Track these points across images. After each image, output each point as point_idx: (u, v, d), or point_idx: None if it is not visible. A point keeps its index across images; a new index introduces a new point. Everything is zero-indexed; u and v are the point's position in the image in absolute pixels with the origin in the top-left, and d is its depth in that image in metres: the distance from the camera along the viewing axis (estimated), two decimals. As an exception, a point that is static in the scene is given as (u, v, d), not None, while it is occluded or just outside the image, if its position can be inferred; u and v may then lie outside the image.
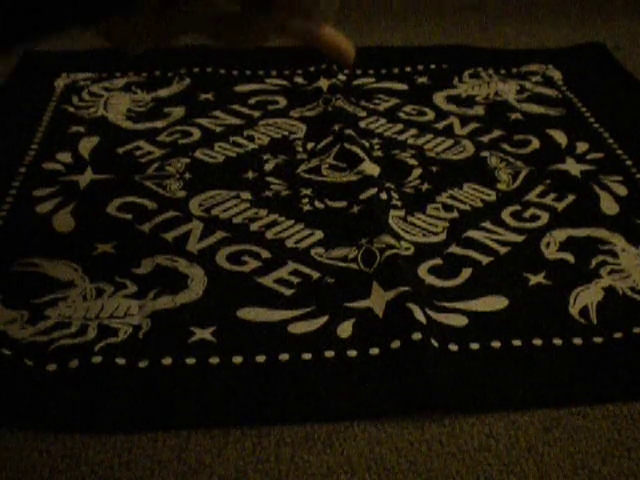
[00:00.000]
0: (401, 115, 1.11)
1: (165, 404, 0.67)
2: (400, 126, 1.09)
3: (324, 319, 0.76)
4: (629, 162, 1.01)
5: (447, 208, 0.92)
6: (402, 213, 0.90)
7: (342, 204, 0.92)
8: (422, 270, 0.82)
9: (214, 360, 0.71)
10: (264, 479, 0.62)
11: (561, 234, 0.88)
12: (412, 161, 1.01)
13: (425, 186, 0.96)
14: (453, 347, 0.73)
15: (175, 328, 0.74)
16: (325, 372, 0.70)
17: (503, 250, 0.85)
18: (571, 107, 1.14)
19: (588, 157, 1.02)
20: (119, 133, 1.05)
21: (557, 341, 0.74)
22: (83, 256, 0.82)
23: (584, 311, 0.77)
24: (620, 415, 0.68)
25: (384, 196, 0.92)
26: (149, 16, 0.52)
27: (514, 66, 1.25)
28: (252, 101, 1.14)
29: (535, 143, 1.05)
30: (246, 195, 0.93)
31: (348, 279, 0.80)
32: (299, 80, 1.19)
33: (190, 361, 0.71)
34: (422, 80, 1.21)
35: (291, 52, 1.27)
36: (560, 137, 1.07)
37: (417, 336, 0.72)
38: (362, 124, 1.09)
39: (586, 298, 0.79)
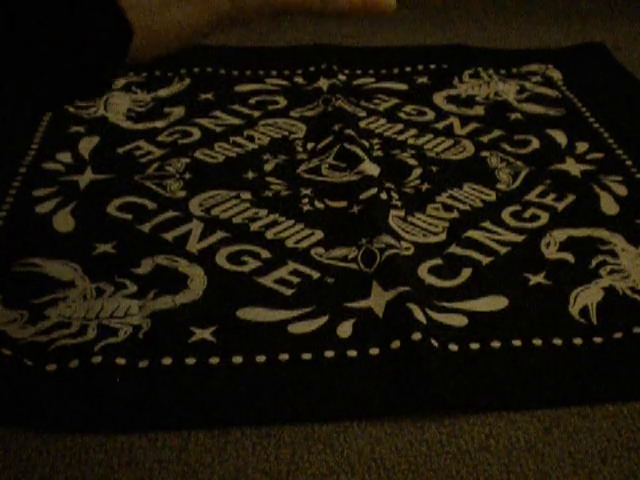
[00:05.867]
0: (401, 115, 1.11)
1: (165, 404, 0.67)
2: (400, 126, 1.09)
3: (324, 319, 0.76)
4: (629, 162, 1.01)
5: (447, 208, 0.92)
6: (402, 213, 0.90)
7: (342, 204, 0.92)
8: (422, 270, 0.82)
9: (214, 360, 0.71)
10: (264, 479, 0.62)
11: (561, 234, 0.88)
12: (412, 161, 1.01)
13: (425, 186, 0.96)
14: (453, 347, 0.73)
15: (175, 328, 0.74)
16: (325, 372, 0.70)
17: (503, 250, 0.85)
18: (571, 107, 1.14)
19: (588, 157, 1.02)
20: (119, 133, 1.05)
21: (557, 341, 0.74)
22: (83, 256, 0.82)
23: (584, 311, 0.77)
24: (620, 415, 0.68)
25: (384, 196, 0.92)
26: None
27: (514, 66, 1.25)
28: (252, 101, 1.14)
29: (535, 143, 1.05)
30: (246, 195, 0.93)
31: (348, 279, 0.80)
32: (299, 80, 1.19)
33: (190, 361, 0.71)
34: (422, 80, 1.21)
35: (291, 52, 1.27)
36: (560, 137, 1.07)
37: (417, 336, 0.72)
38: (362, 124, 1.09)
39: (586, 298, 0.79)
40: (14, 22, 0.46)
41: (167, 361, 0.71)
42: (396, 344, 0.72)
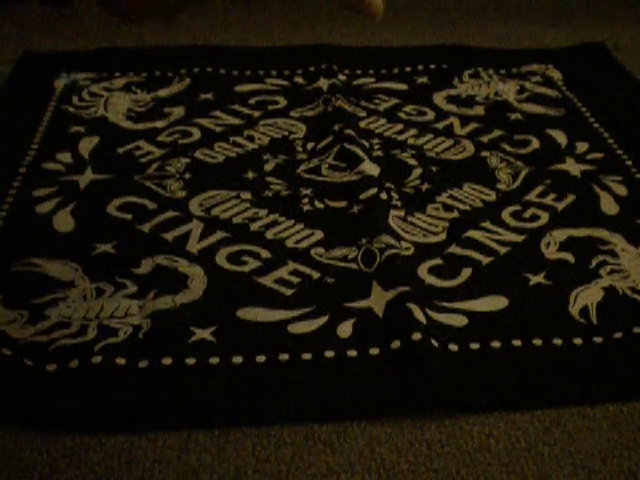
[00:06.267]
0: (401, 115, 1.11)
1: (165, 404, 0.67)
2: (400, 126, 1.09)
3: (324, 319, 0.76)
4: (629, 162, 1.01)
5: (447, 208, 0.92)
6: (402, 213, 0.90)
7: (342, 204, 0.92)
8: (422, 270, 0.82)
9: (214, 360, 0.71)
10: (264, 479, 0.62)
11: (561, 234, 0.88)
12: (412, 161, 1.01)
13: (425, 186, 0.96)
14: (453, 347, 0.73)
15: (175, 328, 0.74)
16: (325, 372, 0.70)
17: (503, 250, 0.85)
18: (571, 107, 1.14)
19: (588, 157, 1.02)
20: (119, 133, 1.05)
21: (557, 341, 0.74)
22: (83, 256, 0.82)
23: (584, 311, 0.77)
24: (620, 415, 0.68)
25: (384, 196, 0.92)
26: None
27: (514, 66, 1.25)
28: (252, 101, 1.14)
29: (535, 143, 1.05)
30: (246, 195, 0.93)
31: (348, 279, 0.80)
32: (299, 80, 1.19)
33: (190, 361, 0.71)
34: (422, 80, 1.21)
35: (291, 52, 1.27)
36: (560, 137, 1.07)
37: (417, 336, 0.72)
38: (362, 124, 1.09)
39: (586, 298, 0.79)
40: None
41: (167, 361, 0.71)
42: (396, 344, 0.72)
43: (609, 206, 0.93)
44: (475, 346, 0.73)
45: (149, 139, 1.04)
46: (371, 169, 0.96)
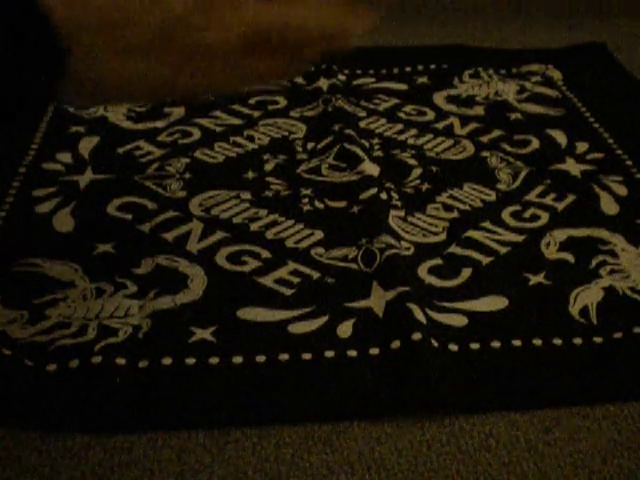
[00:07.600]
0: (401, 115, 1.11)
1: (165, 404, 0.67)
2: (400, 126, 1.09)
3: (324, 319, 0.76)
4: (629, 162, 1.01)
5: (447, 208, 0.92)
6: (402, 213, 0.90)
7: (342, 204, 0.92)
8: (422, 270, 0.82)
9: (214, 360, 0.71)
10: (264, 479, 0.62)
11: (561, 234, 0.88)
12: (412, 161, 1.01)
13: (425, 186, 0.96)
14: (453, 347, 0.73)
15: (175, 328, 0.74)
16: (325, 372, 0.70)
17: (503, 250, 0.85)
18: (571, 107, 1.14)
19: (588, 157, 1.02)
20: (119, 133, 1.05)
21: (557, 341, 0.74)
22: (83, 256, 0.82)
23: (584, 311, 0.77)
24: (620, 415, 0.68)
25: (384, 196, 0.92)
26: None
27: (514, 66, 1.25)
28: (252, 101, 1.14)
29: (535, 143, 1.05)
30: (246, 195, 0.93)
31: (348, 279, 0.80)
32: (299, 80, 1.19)
33: (190, 361, 0.71)
34: (422, 80, 1.21)
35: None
36: (560, 137, 1.07)
37: (417, 336, 0.72)
38: (362, 124, 1.09)
39: (586, 298, 0.79)
40: None
41: (167, 361, 0.71)
42: (396, 344, 0.72)
43: (609, 206, 0.93)
44: (475, 346, 0.73)
45: (149, 139, 1.04)
46: (371, 169, 0.96)
